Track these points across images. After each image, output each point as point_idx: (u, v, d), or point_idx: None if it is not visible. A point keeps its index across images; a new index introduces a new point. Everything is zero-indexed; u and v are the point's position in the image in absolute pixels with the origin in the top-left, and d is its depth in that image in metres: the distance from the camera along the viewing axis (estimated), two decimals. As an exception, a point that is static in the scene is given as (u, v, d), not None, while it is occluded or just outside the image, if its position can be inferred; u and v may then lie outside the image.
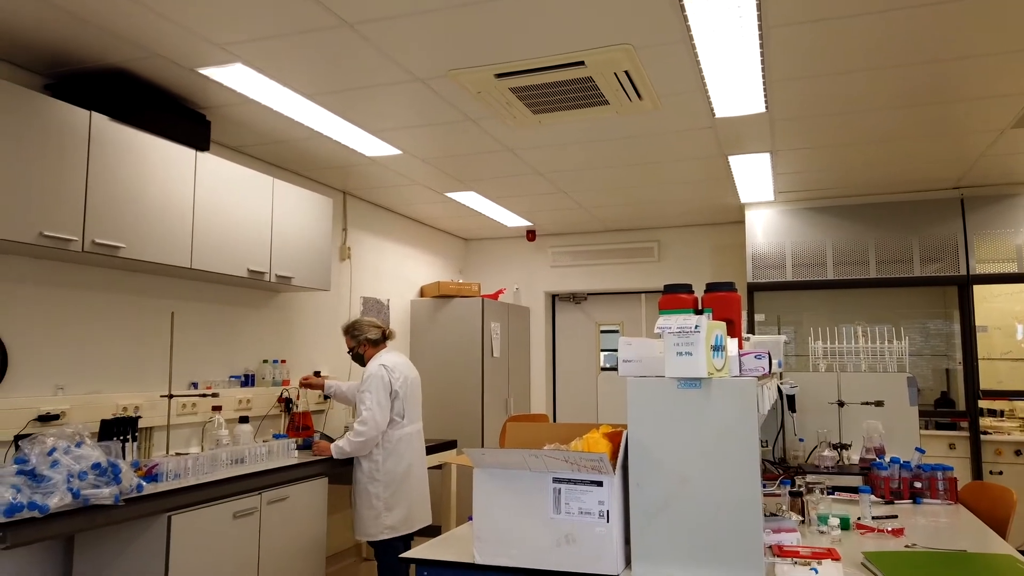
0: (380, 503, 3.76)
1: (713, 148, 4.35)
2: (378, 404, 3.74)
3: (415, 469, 3.92)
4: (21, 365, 3.10)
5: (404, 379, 3.89)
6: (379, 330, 4.04)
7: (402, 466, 3.84)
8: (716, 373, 1.92)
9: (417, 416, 4.02)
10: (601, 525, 1.90)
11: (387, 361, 3.88)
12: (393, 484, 3.80)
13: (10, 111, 2.74)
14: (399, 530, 3.80)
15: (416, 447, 3.96)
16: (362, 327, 4.02)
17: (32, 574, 3.11)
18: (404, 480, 3.84)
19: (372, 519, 3.76)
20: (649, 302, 7.04)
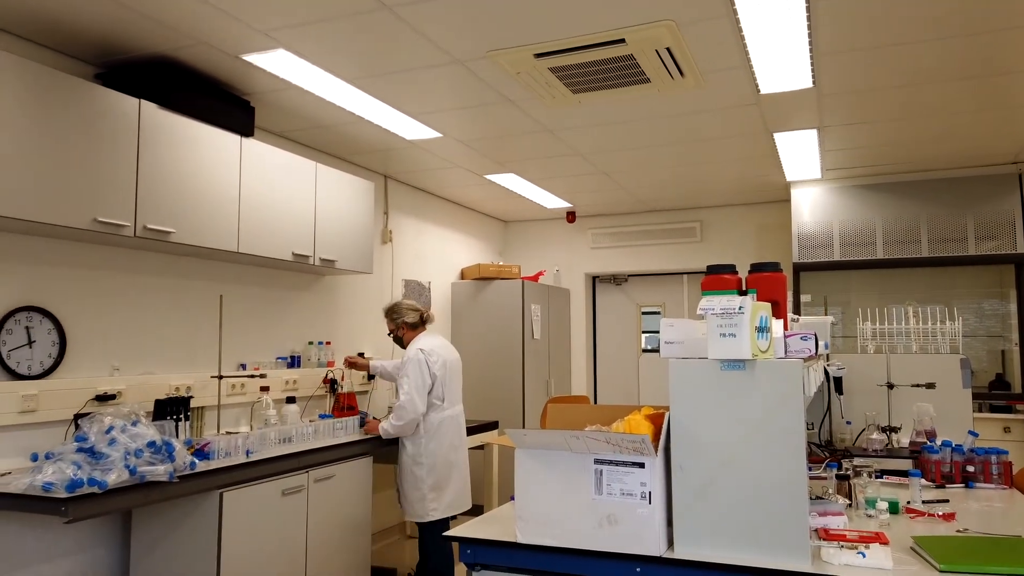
0: (425, 485, 3.82)
1: (758, 125, 4.26)
2: (415, 389, 3.78)
3: (458, 452, 3.97)
4: (79, 347, 3.22)
5: (443, 362, 3.91)
6: (417, 313, 4.05)
7: (444, 448, 3.88)
8: (761, 355, 1.90)
9: (458, 399, 4.04)
10: (643, 506, 1.89)
11: (425, 345, 3.90)
12: (437, 466, 3.84)
13: (64, 101, 2.82)
14: (445, 511, 3.86)
15: (457, 430, 3.98)
16: (400, 310, 4.04)
17: (93, 547, 3.25)
18: (447, 462, 3.89)
19: (418, 500, 3.82)
20: (691, 283, 6.96)
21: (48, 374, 3.07)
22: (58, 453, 2.62)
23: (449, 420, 3.93)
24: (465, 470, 4.04)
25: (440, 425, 3.88)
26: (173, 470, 2.76)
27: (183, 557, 3.09)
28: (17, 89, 2.66)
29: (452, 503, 3.91)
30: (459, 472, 3.98)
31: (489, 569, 2.07)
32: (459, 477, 3.98)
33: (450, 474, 3.91)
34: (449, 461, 3.90)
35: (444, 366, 3.92)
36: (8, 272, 2.97)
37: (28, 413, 2.95)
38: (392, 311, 4.07)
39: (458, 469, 3.97)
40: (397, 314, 4.04)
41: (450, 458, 3.91)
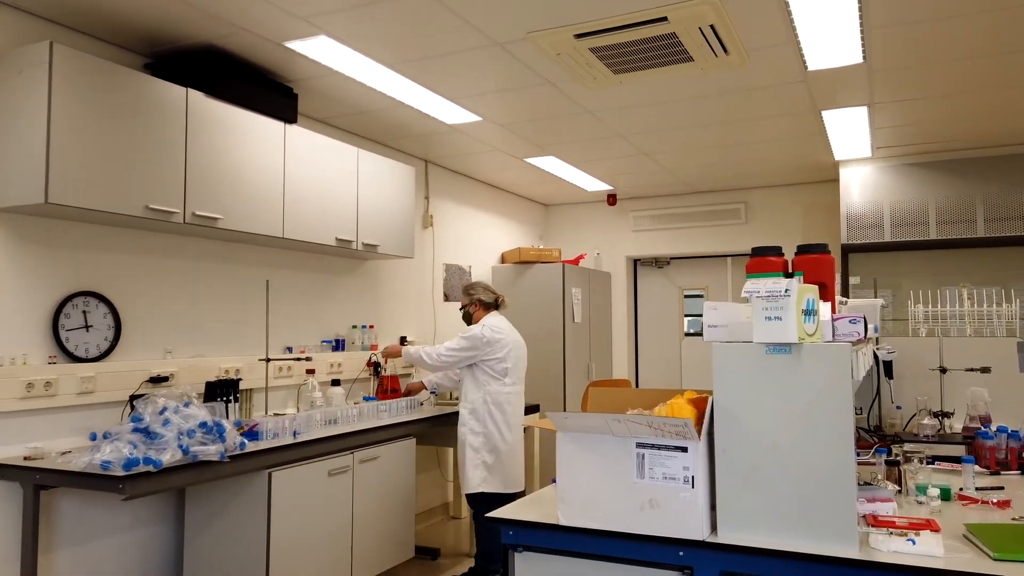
0: (479, 456, 3.91)
1: (805, 103, 4.15)
2: (458, 352, 3.95)
3: (514, 432, 4.02)
4: (133, 330, 3.32)
5: (507, 341, 4.03)
6: (493, 296, 4.21)
7: (499, 422, 3.96)
8: (807, 338, 1.86)
9: (521, 379, 4.14)
10: (686, 491, 1.88)
11: (496, 323, 4.05)
12: (493, 439, 3.93)
13: (116, 91, 2.90)
14: (499, 486, 3.91)
15: (516, 406, 4.07)
16: (477, 288, 4.22)
17: (150, 523, 3.37)
18: (503, 437, 3.95)
19: (473, 468, 3.91)
20: (735, 266, 6.85)
21: (104, 357, 3.18)
22: (115, 433, 2.72)
23: (510, 396, 4.01)
24: (520, 450, 4.08)
25: (502, 400, 3.98)
26: (224, 450, 2.84)
27: (234, 534, 3.18)
28: (74, 81, 2.74)
29: (506, 480, 3.95)
30: (515, 451, 4.02)
31: (531, 550, 2.09)
32: (515, 456, 4.02)
33: (505, 450, 3.96)
34: (505, 437, 3.96)
35: (506, 345, 4.02)
36: (66, 258, 3.07)
37: (86, 394, 3.06)
38: (470, 288, 4.24)
39: (514, 447, 4.02)
40: (474, 291, 4.21)
41: (507, 434, 3.97)
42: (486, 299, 4.18)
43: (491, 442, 3.92)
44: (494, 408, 3.95)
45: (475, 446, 3.92)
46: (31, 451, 2.85)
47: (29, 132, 2.69)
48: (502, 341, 4.01)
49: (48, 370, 2.94)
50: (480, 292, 4.20)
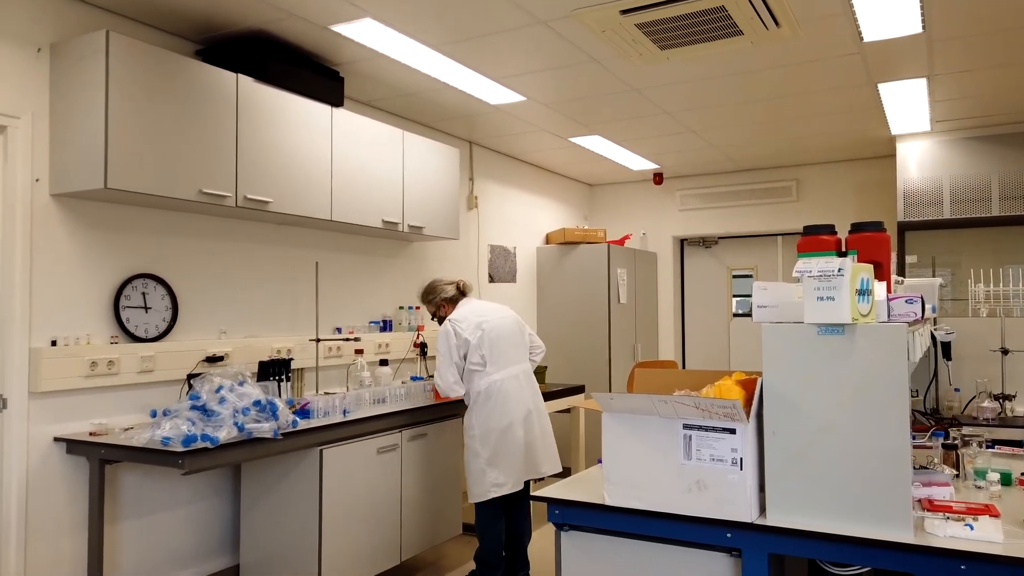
0: (481, 459, 3.44)
1: (860, 76, 4.01)
2: (445, 365, 3.51)
3: (515, 419, 3.50)
4: (189, 312, 3.43)
5: (476, 326, 3.53)
6: (452, 285, 3.74)
7: (496, 416, 3.47)
8: (861, 319, 1.81)
9: (509, 360, 3.58)
10: (734, 472, 1.87)
11: (456, 315, 3.59)
12: (491, 436, 3.45)
13: (169, 77, 2.97)
14: (505, 487, 3.44)
15: (513, 393, 3.52)
16: (435, 290, 3.76)
17: (207, 497, 3.50)
18: (502, 432, 3.46)
19: (478, 474, 3.45)
20: (786, 245, 6.70)
21: (162, 337, 3.29)
22: (174, 410, 2.82)
23: (499, 384, 3.50)
24: (543, 435, 3.63)
25: (488, 392, 3.49)
26: (277, 428, 2.92)
27: (288, 508, 3.28)
28: (130, 68, 2.81)
29: (518, 475, 3.50)
30: (527, 441, 3.54)
31: (577, 529, 2.10)
32: (526, 447, 3.53)
33: (510, 446, 3.47)
34: (507, 430, 3.47)
35: (479, 329, 3.52)
36: (125, 242, 3.18)
37: (146, 373, 3.18)
38: (428, 293, 3.79)
39: (525, 438, 3.53)
40: (433, 294, 3.76)
41: (508, 427, 3.47)
42: (449, 295, 3.72)
43: (489, 441, 3.45)
44: (484, 405, 3.48)
45: (474, 447, 3.48)
46: (96, 427, 2.98)
47: (88, 120, 2.78)
48: (465, 332, 3.51)
49: (110, 349, 3.06)
50: (440, 290, 3.74)
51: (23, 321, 2.82)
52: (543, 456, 3.62)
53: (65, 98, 2.87)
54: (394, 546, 3.59)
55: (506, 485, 3.44)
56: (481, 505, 3.49)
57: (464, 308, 3.65)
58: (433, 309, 3.79)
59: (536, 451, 3.58)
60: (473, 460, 3.48)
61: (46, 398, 2.87)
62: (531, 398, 3.62)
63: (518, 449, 3.49)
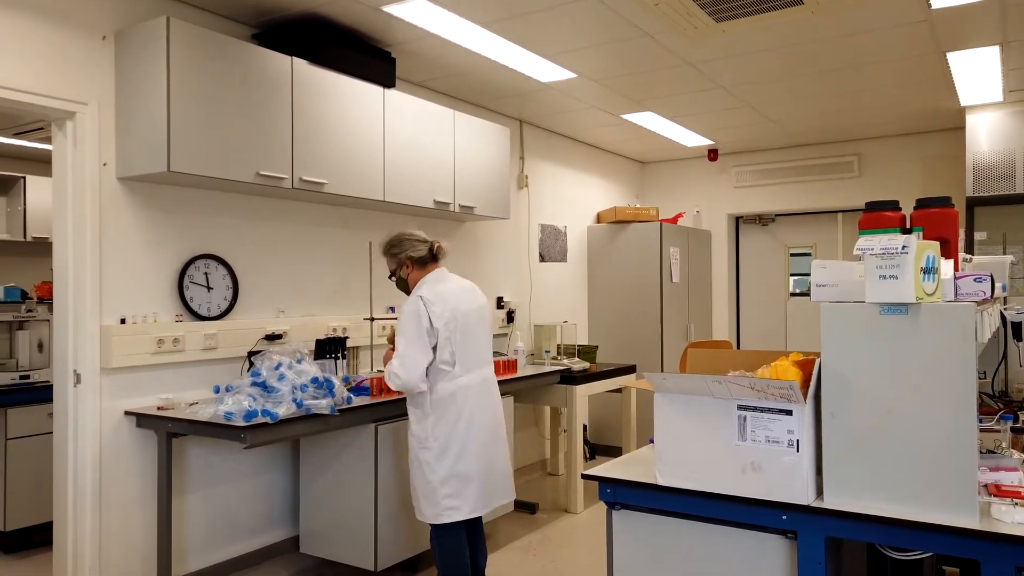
0: (436, 476, 2.86)
1: (927, 45, 3.84)
2: (410, 349, 2.83)
3: (480, 433, 2.95)
4: (248, 291, 3.53)
5: (452, 313, 2.91)
6: (425, 245, 3.04)
7: (461, 428, 2.90)
8: (926, 298, 1.75)
9: (480, 361, 3.02)
10: (790, 454, 1.84)
11: (428, 292, 2.91)
12: (451, 452, 2.88)
13: (227, 62, 3.03)
14: (462, 511, 2.88)
15: (479, 403, 2.97)
16: (402, 243, 3.03)
17: (268, 471, 3.62)
18: (465, 448, 2.90)
19: (428, 495, 2.88)
20: (847, 222, 6.50)
21: (224, 315, 3.39)
22: (236, 386, 2.92)
23: (467, 391, 2.93)
24: (501, 458, 3.06)
25: (453, 398, 2.90)
26: (334, 404, 2.99)
27: (345, 482, 3.37)
28: (189, 54, 2.89)
29: (480, 499, 2.93)
30: (488, 461, 2.98)
31: (629, 509, 2.10)
32: (489, 468, 2.97)
33: (473, 464, 2.91)
34: (471, 446, 2.91)
35: (454, 318, 2.91)
36: (188, 223, 3.28)
37: (209, 350, 3.29)
38: (391, 245, 3.07)
39: (488, 458, 2.97)
40: (398, 248, 3.04)
41: (473, 442, 2.92)
42: (417, 254, 3.01)
43: (446, 457, 2.87)
44: (445, 415, 2.88)
45: (426, 461, 2.87)
46: (163, 402, 3.10)
47: (151, 105, 2.87)
48: (438, 318, 2.86)
49: (176, 327, 3.18)
50: (408, 246, 3.02)
51: (94, 300, 2.94)
52: (501, 483, 3.06)
53: (129, 84, 2.96)
54: (447, 521, 3.65)
55: (462, 510, 2.88)
56: (438, 529, 2.91)
57: (437, 284, 2.98)
58: (394, 266, 3.08)
59: (496, 478, 3.02)
60: (425, 477, 2.88)
61: (117, 374, 3.00)
62: (497, 410, 3.08)
63: (479, 472, 2.93)
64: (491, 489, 3.00)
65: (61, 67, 2.85)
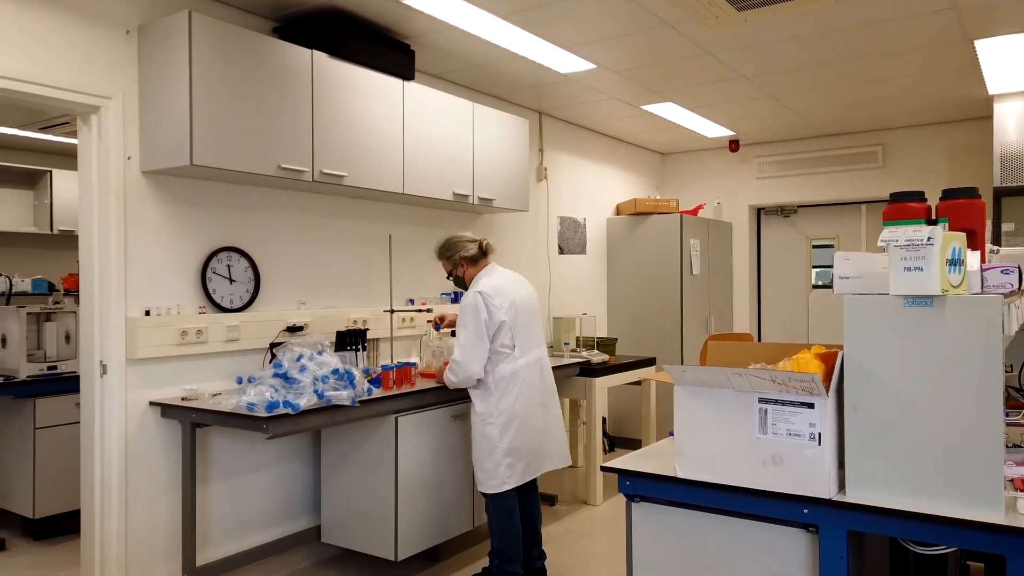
0: (499, 450, 3.16)
1: (954, 32, 3.77)
2: (471, 340, 3.14)
3: (537, 409, 3.29)
4: (270, 283, 3.56)
5: (511, 303, 3.21)
6: (475, 244, 3.35)
7: (520, 405, 3.21)
8: (952, 290, 1.73)
9: (534, 343, 3.34)
10: (812, 448, 1.82)
11: (486, 286, 3.20)
12: (513, 426, 3.19)
13: (248, 55, 3.05)
14: (514, 479, 3.20)
15: (538, 381, 3.31)
16: (455, 245, 3.35)
17: (290, 460, 3.66)
18: (525, 421, 3.22)
19: (492, 467, 3.17)
20: (870, 213, 6.41)
21: (246, 307, 3.43)
22: (258, 377, 2.95)
23: (525, 370, 3.25)
24: (553, 426, 3.40)
25: (513, 377, 3.21)
26: (354, 396, 3.01)
27: (366, 473, 3.40)
28: (212, 48, 2.91)
29: (531, 466, 3.27)
30: (544, 431, 3.32)
31: (648, 501, 2.10)
32: (543, 437, 3.32)
33: (531, 435, 3.25)
34: (530, 420, 3.24)
35: (513, 307, 3.22)
36: (210, 216, 3.32)
37: (232, 341, 3.33)
38: (445, 249, 3.38)
39: (543, 428, 3.32)
40: (451, 250, 3.35)
41: (531, 416, 3.25)
42: (470, 252, 3.31)
43: (509, 431, 3.18)
44: (507, 393, 3.19)
45: (492, 436, 3.17)
46: (187, 392, 3.15)
47: (174, 99, 2.90)
48: (498, 310, 3.17)
49: (199, 319, 3.21)
50: (461, 247, 3.32)
51: (119, 292, 2.99)
52: (556, 448, 3.42)
53: (152, 78, 2.99)
54: (467, 511, 3.67)
55: (515, 478, 3.20)
56: (495, 496, 3.20)
57: (493, 278, 3.27)
58: (450, 267, 3.40)
59: (550, 442, 3.37)
60: (488, 450, 3.18)
61: (141, 365, 3.05)
62: (550, 387, 3.41)
63: (534, 440, 3.27)
64: (544, 456, 3.33)
65: (86, 62, 2.88)
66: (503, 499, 3.21)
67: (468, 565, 3.61)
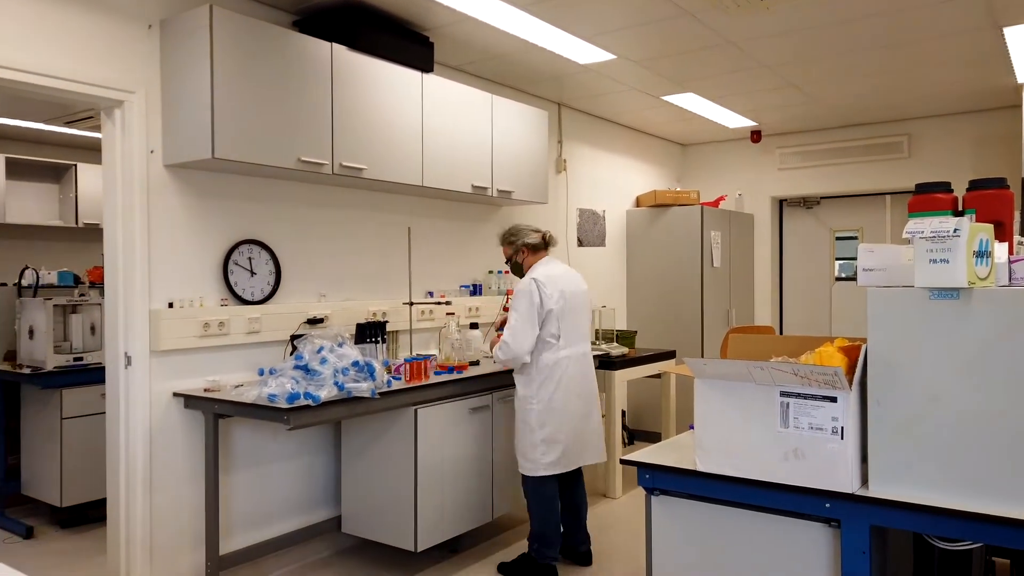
0: (536, 434, 3.30)
1: (981, 18, 3.69)
2: (522, 324, 3.26)
3: (575, 400, 3.39)
4: (291, 276, 3.58)
5: (560, 294, 3.34)
6: (539, 234, 3.51)
7: (560, 394, 3.33)
8: (979, 282, 1.69)
9: (580, 337, 3.45)
10: (834, 442, 1.80)
11: (540, 274, 3.35)
12: (551, 413, 3.31)
13: (269, 49, 3.07)
14: (557, 466, 3.32)
15: (579, 375, 3.41)
16: (520, 232, 3.51)
17: (311, 452, 3.69)
18: (563, 410, 3.33)
19: (529, 448, 3.32)
20: (895, 204, 6.32)
21: (267, 300, 3.46)
22: (279, 369, 2.98)
23: (567, 362, 3.36)
24: (594, 422, 3.49)
25: (555, 367, 3.32)
26: (374, 388, 3.03)
27: (386, 464, 3.42)
28: (233, 41, 2.93)
29: (568, 456, 3.35)
30: (582, 424, 3.40)
31: (668, 494, 2.09)
32: (581, 429, 3.40)
33: (569, 425, 3.34)
34: (568, 409, 3.34)
35: (563, 298, 3.34)
36: (232, 209, 3.34)
37: (253, 334, 3.36)
38: (511, 234, 3.54)
39: (581, 421, 3.40)
40: (516, 236, 3.51)
41: (569, 406, 3.35)
42: (533, 240, 3.48)
43: (548, 418, 3.30)
44: (548, 381, 3.31)
45: (529, 421, 3.31)
46: (209, 384, 3.18)
47: (196, 93, 2.92)
48: (549, 298, 3.30)
49: (221, 311, 3.25)
50: (526, 234, 3.49)
51: (143, 285, 3.03)
52: (594, 442, 3.49)
53: (174, 72, 3.02)
54: (486, 503, 3.69)
55: (558, 465, 3.32)
56: (534, 481, 3.34)
57: (547, 268, 3.42)
58: (511, 252, 3.54)
59: (589, 436, 3.45)
60: (528, 434, 3.33)
61: (165, 356, 3.09)
62: (591, 382, 3.52)
63: (574, 431, 3.36)
64: (583, 448, 3.42)
65: (109, 56, 2.91)
66: (542, 485, 3.33)
67: (487, 556, 3.63)
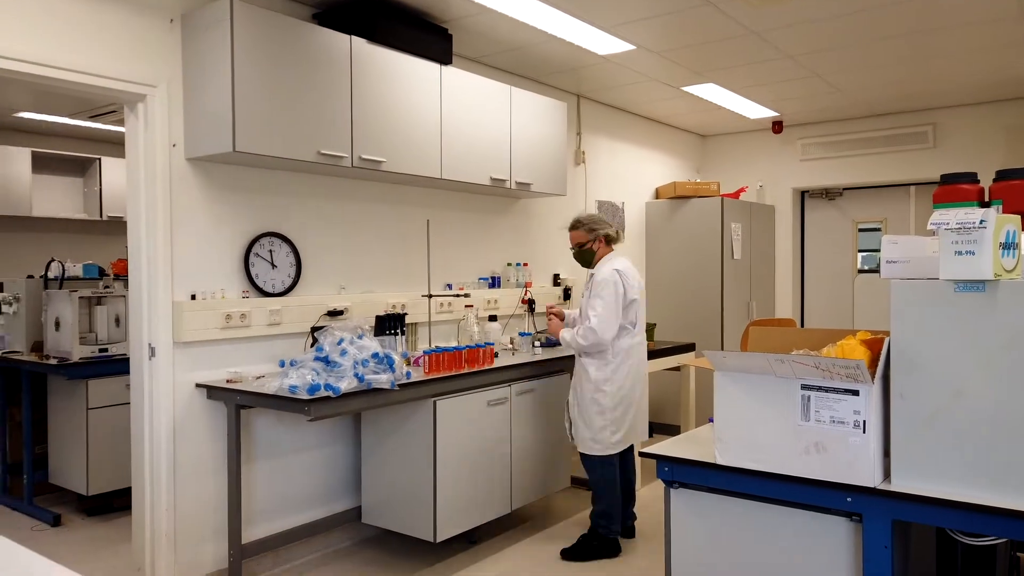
0: (609, 415, 3.53)
1: (1010, 6, 3.61)
2: (610, 311, 3.48)
3: (638, 382, 3.68)
4: (311, 268, 3.61)
5: (636, 285, 3.63)
6: (612, 228, 3.75)
7: (631, 376, 3.61)
8: (1005, 275, 1.67)
9: (642, 326, 3.76)
10: (856, 435, 1.79)
11: (620, 266, 3.59)
12: (621, 395, 3.57)
13: (288, 42, 3.08)
14: (621, 445, 3.59)
15: (642, 358, 3.73)
16: (600, 222, 3.72)
17: (331, 443, 3.72)
18: (631, 391, 3.61)
19: (600, 430, 3.54)
20: (919, 195, 6.23)
21: (288, 292, 3.49)
22: (300, 361, 3.01)
23: (637, 347, 3.66)
24: (645, 403, 3.80)
25: (630, 351, 3.60)
26: (394, 379, 3.05)
27: (405, 455, 3.44)
28: (253, 35, 2.94)
29: (631, 433, 3.64)
30: (642, 403, 3.73)
31: (687, 487, 2.09)
32: (640, 408, 3.72)
33: (632, 404, 3.62)
34: (634, 390, 3.63)
35: (640, 289, 3.69)
36: (253, 202, 3.37)
37: (274, 325, 3.39)
38: (593, 222, 3.71)
39: (641, 399, 3.71)
40: (597, 225, 3.69)
41: (636, 387, 3.64)
42: (610, 232, 3.69)
43: (619, 398, 3.55)
44: (624, 364, 3.56)
45: (603, 403, 3.53)
46: (231, 375, 3.22)
47: (216, 86, 2.94)
48: (632, 289, 3.57)
49: (243, 303, 3.28)
50: (604, 226, 3.69)
51: (166, 277, 3.06)
52: (644, 424, 3.78)
53: (195, 66, 3.04)
54: (505, 495, 3.70)
55: (622, 444, 3.59)
56: (600, 461, 3.56)
57: (624, 262, 3.66)
58: (588, 239, 3.67)
59: (641, 416, 3.74)
60: (598, 416, 3.54)
61: (188, 347, 3.13)
62: (646, 365, 3.81)
63: (635, 411, 3.65)
64: (639, 425, 3.71)
65: (132, 51, 2.94)
66: (608, 464, 3.57)
67: (506, 548, 3.65)
